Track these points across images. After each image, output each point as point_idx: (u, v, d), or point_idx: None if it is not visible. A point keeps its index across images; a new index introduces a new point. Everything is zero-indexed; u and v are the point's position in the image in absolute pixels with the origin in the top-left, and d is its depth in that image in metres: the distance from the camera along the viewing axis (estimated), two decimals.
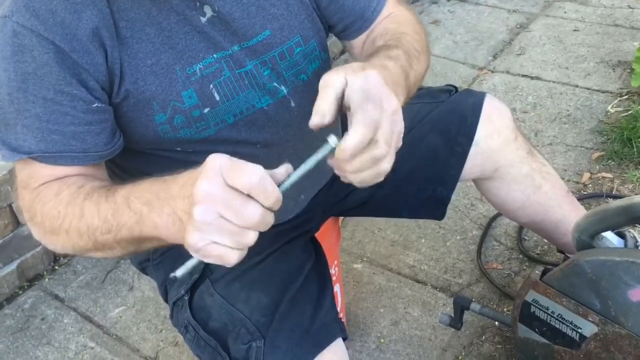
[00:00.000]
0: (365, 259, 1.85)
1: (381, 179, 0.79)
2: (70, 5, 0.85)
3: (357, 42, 1.13)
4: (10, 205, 1.77)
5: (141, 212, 0.77)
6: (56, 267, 1.95)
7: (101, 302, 1.82)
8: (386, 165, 0.77)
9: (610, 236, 1.19)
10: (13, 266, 1.83)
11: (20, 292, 1.86)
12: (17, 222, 1.81)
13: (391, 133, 0.76)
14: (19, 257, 1.84)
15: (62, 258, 1.97)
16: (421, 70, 1.00)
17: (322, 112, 0.76)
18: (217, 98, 0.97)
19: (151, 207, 0.76)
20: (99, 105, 0.90)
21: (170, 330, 1.70)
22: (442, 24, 3.16)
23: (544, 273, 1.18)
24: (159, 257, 1.16)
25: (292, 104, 1.04)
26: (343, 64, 0.81)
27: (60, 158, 0.89)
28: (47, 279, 1.91)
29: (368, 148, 0.74)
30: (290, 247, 1.14)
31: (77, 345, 1.69)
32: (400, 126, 0.78)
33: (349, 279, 1.78)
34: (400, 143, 0.79)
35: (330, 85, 0.76)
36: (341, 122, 1.22)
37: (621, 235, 1.22)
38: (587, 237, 1.13)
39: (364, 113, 0.74)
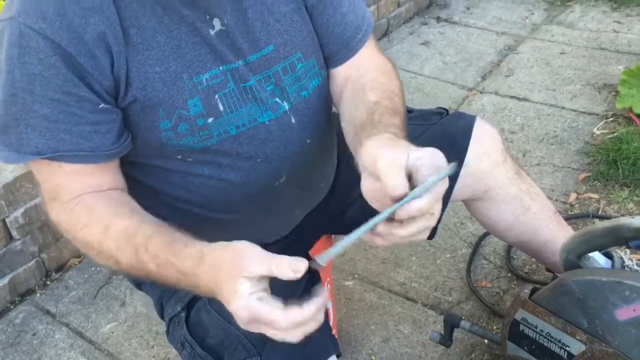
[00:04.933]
0: (356, 276, 1.87)
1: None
2: (78, 9, 0.87)
3: (338, 73, 1.15)
4: (3, 220, 1.77)
5: (190, 290, 0.90)
6: (48, 282, 1.95)
7: (93, 317, 1.82)
8: (422, 236, 0.84)
9: (597, 256, 1.22)
10: (5, 281, 1.82)
11: (12, 307, 1.86)
12: (10, 237, 1.81)
13: (440, 207, 0.83)
14: (11, 272, 1.84)
15: (53, 273, 1.97)
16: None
17: (395, 187, 0.80)
18: (221, 108, 1.00)
19: (198, 292, 0.88)
20: (105, 106, 0.93)
21: (163, 347, 1.71)
22: (432, 44, 3.21)
23: (532, 292, 1.21)
24: None
25: (293, 121, 1.07)
26: None
27: (70, 157, 0.92)
28: (38, 294, 1.91)
29: (424, 217, 0.81)
30: None
31: None
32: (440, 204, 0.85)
33: (340, 296, 1.79)
34: None
35: (398, 166, 0.81)
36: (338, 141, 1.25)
37: (608, 255, 1.25)
38: (575, 257, 1.16)
39: (436, 187, 0.80)
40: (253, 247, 0.81)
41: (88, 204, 0.93)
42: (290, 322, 0.77)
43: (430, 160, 0.82)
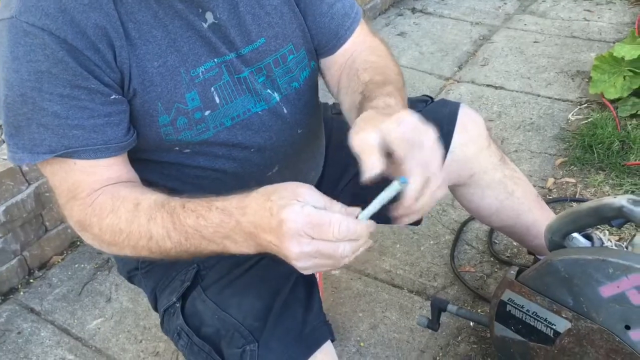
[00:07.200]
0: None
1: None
2: (78, 5, 0.87)
3: (333, 62, 1.16)
4: None
5: (224, 244, 0.85)
6: (31, 281, 1.92)
7: (79, 314, 1.81)
8: (441, 192, 0.83)
9: (578, 238, 1.25)
10: None
11: None
12: None
13: (438, 163, 0.82)
14: None
15: (36, 271, 1.94)
16: (407, 99, 1.05)
17: (370, 167, 0.80)
18: (217, 101, 1.01)
19: (233, 241, 0.84)
20: (116, 97, 0.92)
21: (150, 341, 1.71)
22: (409, 35, 3.24)
23: (519, 273, 1.24)
24: (148, 266, 1.17)
25: (285, 111, 1.09)
26: None
27: (84, 152, 0.91)
28: (22, 293, 1.88)
29: (426, 185, 0.81)
30: None
31: (55, 358, 1.67)
32: (441, 151, 0.84)
33: (327, 285, 1.81)
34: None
35: (369, 145, 0.80)
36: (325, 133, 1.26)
37: (588, 237, 1.29)
38: (559, 238, 1.19)
39: (413, 160, 0.80)
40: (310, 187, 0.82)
41: (112, 191, 0.93)
42: (347, 229, 0.76)
43: (400, 132, 0.81)
